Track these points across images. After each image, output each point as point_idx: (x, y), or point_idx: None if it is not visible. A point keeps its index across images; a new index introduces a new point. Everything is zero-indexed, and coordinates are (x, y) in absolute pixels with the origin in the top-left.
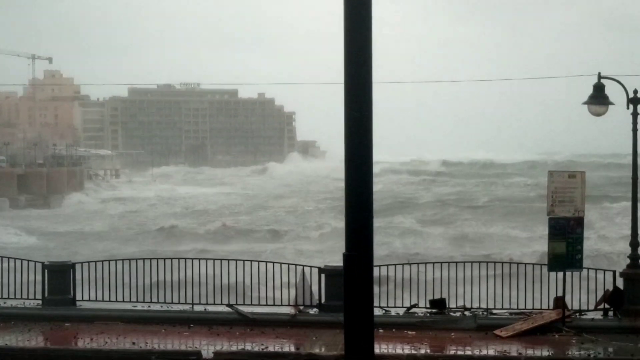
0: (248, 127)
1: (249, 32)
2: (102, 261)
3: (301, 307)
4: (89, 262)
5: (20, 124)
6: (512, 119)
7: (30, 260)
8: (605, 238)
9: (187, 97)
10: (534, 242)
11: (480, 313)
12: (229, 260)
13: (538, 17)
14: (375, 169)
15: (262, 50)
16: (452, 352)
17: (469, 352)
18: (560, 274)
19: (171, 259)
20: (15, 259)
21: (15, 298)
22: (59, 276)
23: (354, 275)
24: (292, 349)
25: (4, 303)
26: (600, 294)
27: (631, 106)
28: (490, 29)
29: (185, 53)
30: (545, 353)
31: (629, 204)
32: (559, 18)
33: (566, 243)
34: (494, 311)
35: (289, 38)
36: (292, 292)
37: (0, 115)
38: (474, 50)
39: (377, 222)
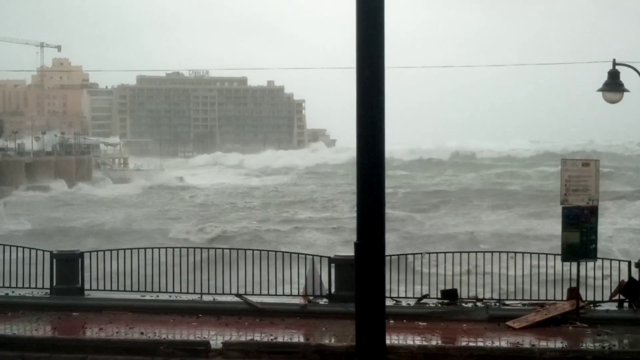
0: (257, 115)
1: (256, 18)
2: (111, 250)
3: (311, 298)
4: (97, 252)
5: (29, 112)
6: (512, 105)
7: (39, 249)
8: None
9: (195, 85)
10: None
11: (493, 304)
12: (237, 249)
13: (548, 1)
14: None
15: (271, 38)
16: (463, 344)
17: (481, 344)
18: (574, 264)
19: (180, 247)
20: (24, 247)
21: (23, 287)
22: (68, 265)
23: (365, 265)
24: (302, 339)
25: (13, 292)
26: (615, 284)
27: None
28: (498, 14)
29: (194, 40)
30: (559, 345)
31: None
32: (571, 2)
33: (580, 233)
34: (507, 302)
35: (298, 25)
36: (302, 282)
37: (9, 104)
38: (481, 36)
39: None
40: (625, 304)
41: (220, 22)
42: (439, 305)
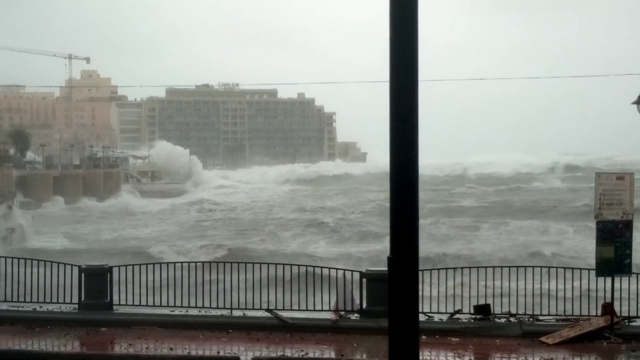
0: (287, 128)
1: (287, 31)
2: (140, 265)
3: (342, 313)
4: (125, 266)
5: (57, 125)
6: (545, 117)
7: (67, 264)
8: None
9: (225, 98)
10: None
11: (526, 319)
12: (268, 264)
13: (576, 12)
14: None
15: (302, 51)
16: (497, 359)
17: (514, 359)
18: (609, 279)
19: (209, 262)
20: (52, 262)
21: (51, 302)
22: (96, 280)
23: (399, 280)
24: (333, 355)
25: (41, 307)
26: None
27: None
28: (524, 25)
29: (224, 53)
30: None
31: None
32: (598, 13)
33: (614, 247)
34: (540, 317)
35: (330, 38)
36: (333, 297)
37: (37, 116)
38: (513, 48)
39: None
40: None
41: (250, 35)
42: (472, 320)
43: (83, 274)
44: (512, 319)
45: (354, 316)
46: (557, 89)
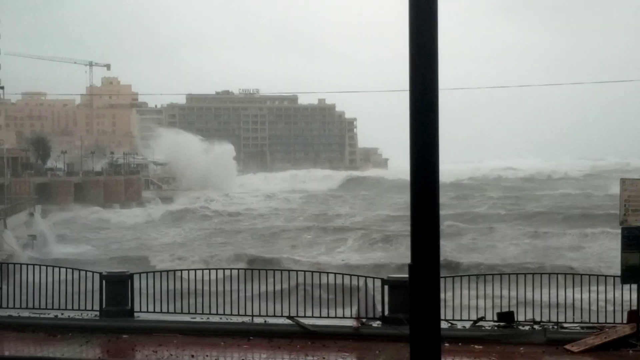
0: (308, 134)
1: (307, 38)
2: (161, 272)
3: (364, 320)
4: (147, 273)
5: (78, 132)
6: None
7: (88, 271)
8: None
9: (246, 104)
10: None
11: (551, 327)
12: (289, 270)
13: (598, 18)
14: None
15: (322, 56)
16: None
17: None
18: (634, 286)
19: (230, 269)
20: (72, 269)
21: (73, 309)
22: (117, 287)
23: (419, 287)
24: None
25: (62, 314)
26: None
27: None
28: (549, 32)
29: (244, 59)
30: None
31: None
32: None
33: None
34: (565, 325)
35: (350, 43)
36: (355, 304)
37: (58, 124)
38: (537, 54)
39: None
40: None
41: (269, 41)
42: (495, 328)
43: (104, 281)
44: (536, 327)
45: (376, 323)
46: (573, 94)
